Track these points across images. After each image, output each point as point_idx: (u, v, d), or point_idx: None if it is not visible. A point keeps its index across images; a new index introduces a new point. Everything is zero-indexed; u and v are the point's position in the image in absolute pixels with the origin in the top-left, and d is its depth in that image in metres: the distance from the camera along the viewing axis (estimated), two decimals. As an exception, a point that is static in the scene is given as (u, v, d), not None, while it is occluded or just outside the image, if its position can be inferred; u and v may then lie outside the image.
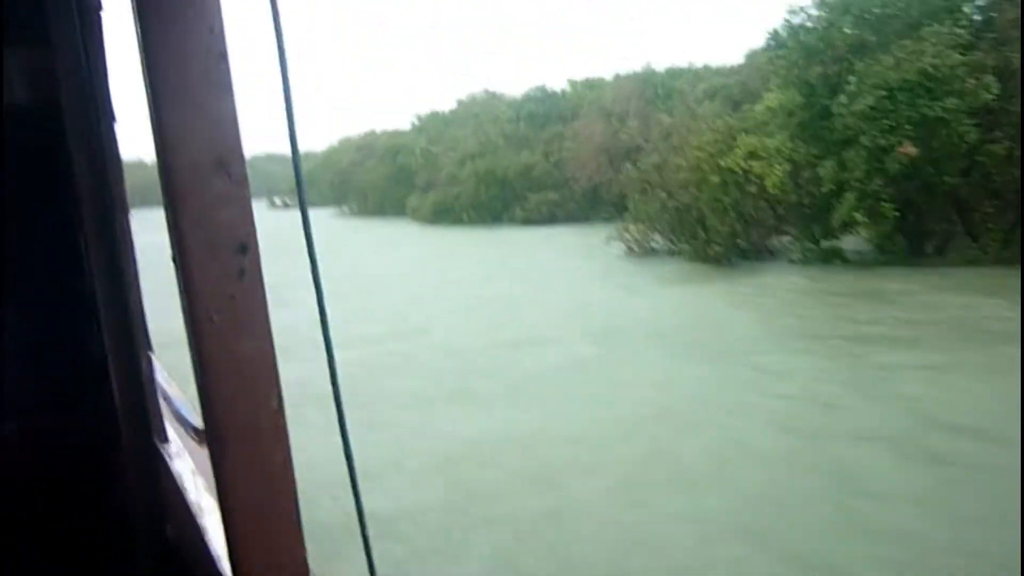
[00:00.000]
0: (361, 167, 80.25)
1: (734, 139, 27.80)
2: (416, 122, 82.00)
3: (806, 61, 26.78)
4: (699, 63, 58.89)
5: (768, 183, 26.15)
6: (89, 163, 2.54)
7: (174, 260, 1.15)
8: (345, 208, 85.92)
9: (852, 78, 24.75)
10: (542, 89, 71.02)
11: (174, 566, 2.57)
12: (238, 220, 1.15)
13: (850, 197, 24.39)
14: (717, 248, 27.69)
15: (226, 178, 1.13)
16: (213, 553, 1.90)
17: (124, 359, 2.65)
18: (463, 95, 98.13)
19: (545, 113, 66.04)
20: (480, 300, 23.05)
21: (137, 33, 1.12)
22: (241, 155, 1.15)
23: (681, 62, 64.91)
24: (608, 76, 67.51)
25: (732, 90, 46.27)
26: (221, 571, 1.80)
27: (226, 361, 1.17)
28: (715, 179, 27.49)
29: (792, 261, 26.99)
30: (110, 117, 2.54)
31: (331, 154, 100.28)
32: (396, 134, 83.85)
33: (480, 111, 72.74)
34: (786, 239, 29.20)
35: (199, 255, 1.13)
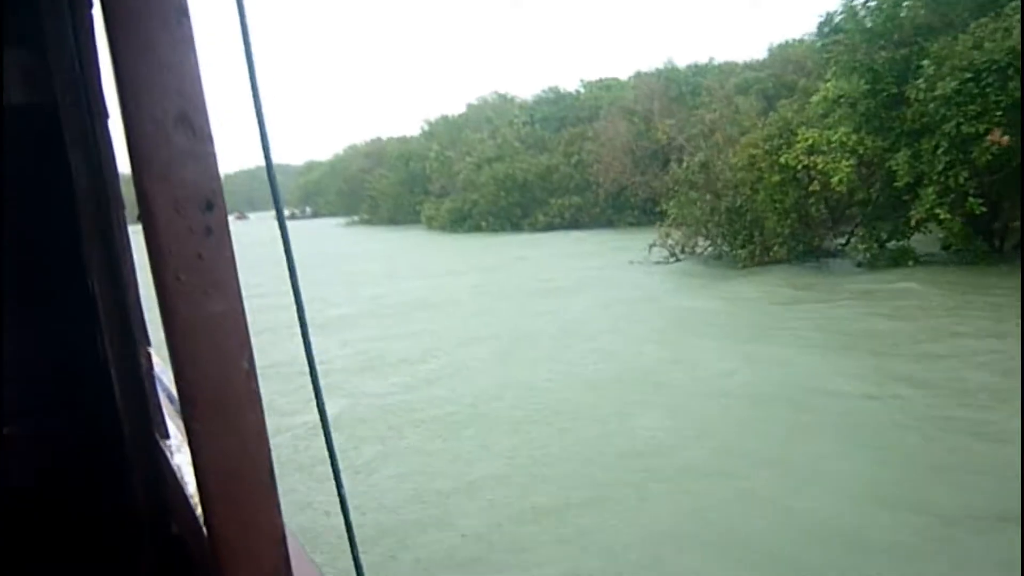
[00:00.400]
0: (370, 175, 78.22)
1: (793, 133, 25.48)
2: (426, 127, 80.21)
3: (870, 45, 24.51)
4: (719, 59, 56.93)
5: (834, 180, 23.81)
6: (85, 161, 2.54)
7: (140, 219, 1.13)
8: (355, 217, 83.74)
9: (926, 62, 22.43)
10: (555, 90, 69.39)
11: (179, 561, 2.50)
12: (203, 177, 1.13)
13: (930, 192, 22.03)
14: (777, 252, 25.43)
15: (190, 134, 1.11)
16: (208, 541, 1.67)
17: (123, 356, 2.65)
18: (472, 98, 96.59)
19: (560, 115, 64.24)
20: (568, 321, 19.66)
21: None
22: (205, 111, 1.13)
23: (701, 58, 62.65)
24: (622, 76, 66.01)
25: (765, 84, 44.18)
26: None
27: (195, 322, 1.14)
28: (775, 178, 25.19)
29: (860, 264, 24.62)
30: (104, 114, 2.49)
31: (337, 162, 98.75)
32: (405, 140, 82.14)
33: (492, 114, 70.92)
34: (839, 241, 27.03)
35: (164, 213, 1.11)
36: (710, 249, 29.06)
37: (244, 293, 1.17)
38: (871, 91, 24.29)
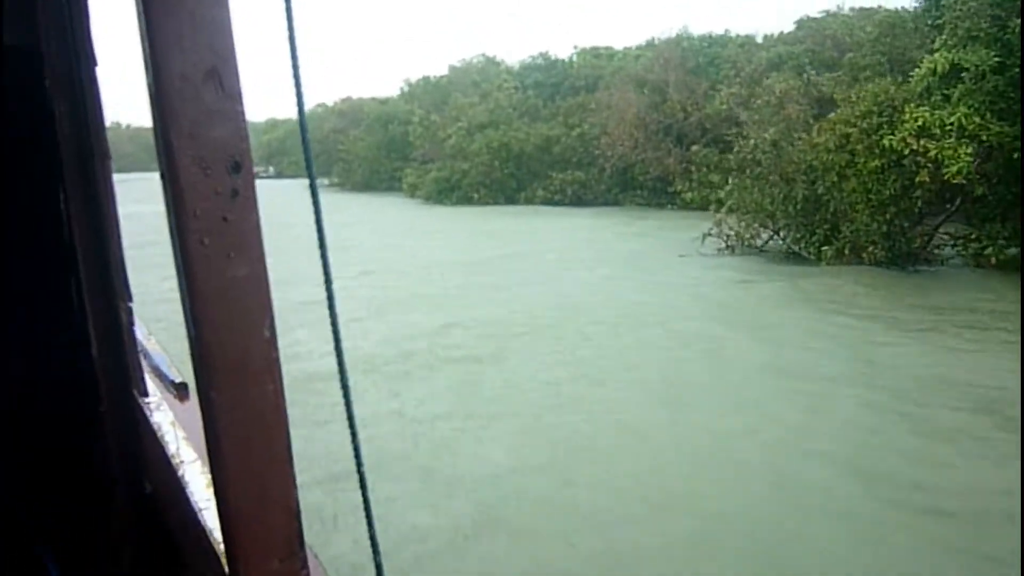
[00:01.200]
0: (344, 136, 72.62)
1: (897, 111, 21.34)
2: (405, 88, 74.94)
3: (1006, 10, 20.38)
4: (735, 30, 53.05)
5: (951, 170, 19.75)
6: (70, 108, 2.46)
7: (163, 178, 1.10)
8: (325, 181, 78.30)
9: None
10: (545, 56, 65.13)
11: (151, 520, 2.52)
12: (231, 137, 1.09)
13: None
14: (872, 252, 21.35)
15: (219, 91, 1.07)
16: (193, 504, 1.85)
17: (103, 310, 2.58)
18: (454, 60, 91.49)
19: (552, 83, 59.94)
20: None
21: None
22: (235, 67, 1.08)
23: (716, 29, 58.80)
24: (615, 45, 62.91)
25: (800, 59, 40.08)
26: (201, 521, 1.74)
27: (217, 287, 1.10)
28: (872, 163, 21.09)
29: (993, 269, 20.54)
30: (92, 60, 2.39)
31: (306, 120, 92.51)
32: (382, 101, 76.76)
33: (478, 78, 66.18)
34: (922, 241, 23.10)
35: (189, 173, 1.06)
36: (777, 242, 24.96)
37: None
38: (1000, 66, 20.24)
